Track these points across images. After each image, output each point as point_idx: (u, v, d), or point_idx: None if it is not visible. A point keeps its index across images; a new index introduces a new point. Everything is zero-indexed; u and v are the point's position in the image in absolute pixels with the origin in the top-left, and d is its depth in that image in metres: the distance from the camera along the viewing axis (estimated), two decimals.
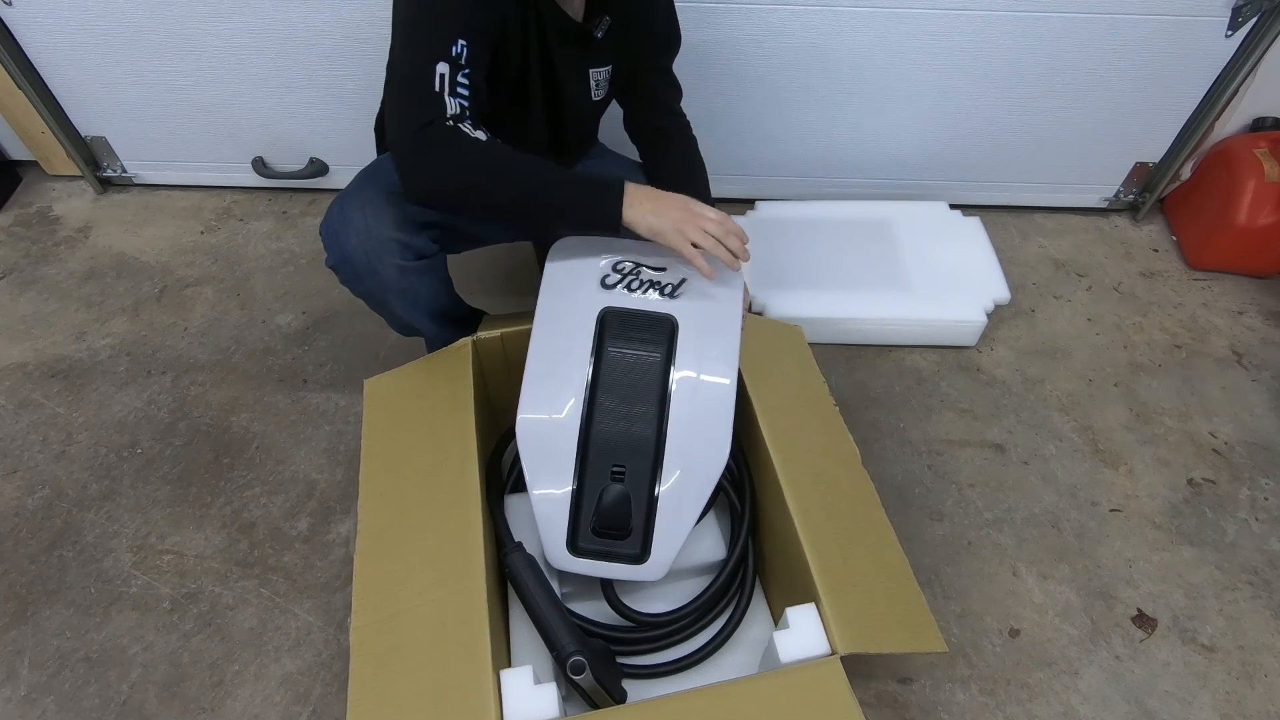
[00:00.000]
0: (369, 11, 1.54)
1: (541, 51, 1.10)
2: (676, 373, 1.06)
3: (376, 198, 1.03)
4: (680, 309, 1.08)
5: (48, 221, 1.83)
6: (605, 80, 1.21)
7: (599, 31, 1.13)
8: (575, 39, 1.12)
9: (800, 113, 1.71)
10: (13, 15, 1.58)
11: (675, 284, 1.10)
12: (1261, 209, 1.66)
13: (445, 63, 0.96)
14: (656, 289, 1.10)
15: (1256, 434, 1.49)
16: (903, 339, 1.62)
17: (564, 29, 1.09)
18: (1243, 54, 1.57)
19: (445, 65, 0.96)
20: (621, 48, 1.18)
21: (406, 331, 1.26)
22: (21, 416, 1.46)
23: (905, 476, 1.41)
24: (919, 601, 0.99)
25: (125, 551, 1.28)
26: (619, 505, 1.03)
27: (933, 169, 1.82)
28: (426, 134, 0.95)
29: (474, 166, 0.97)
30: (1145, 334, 1.67)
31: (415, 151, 0.97)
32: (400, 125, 0.97)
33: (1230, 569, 1.31)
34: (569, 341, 1.06)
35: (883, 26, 1.55)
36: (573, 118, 1.23)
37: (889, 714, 1.14)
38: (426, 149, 0.96)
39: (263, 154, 1.83)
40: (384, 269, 1.05)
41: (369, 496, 1.04)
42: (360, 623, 0.92)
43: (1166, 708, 1.15)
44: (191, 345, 1.58)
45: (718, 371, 1.06)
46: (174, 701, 1.13)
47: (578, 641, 0.94)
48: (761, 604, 1.17)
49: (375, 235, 1.03)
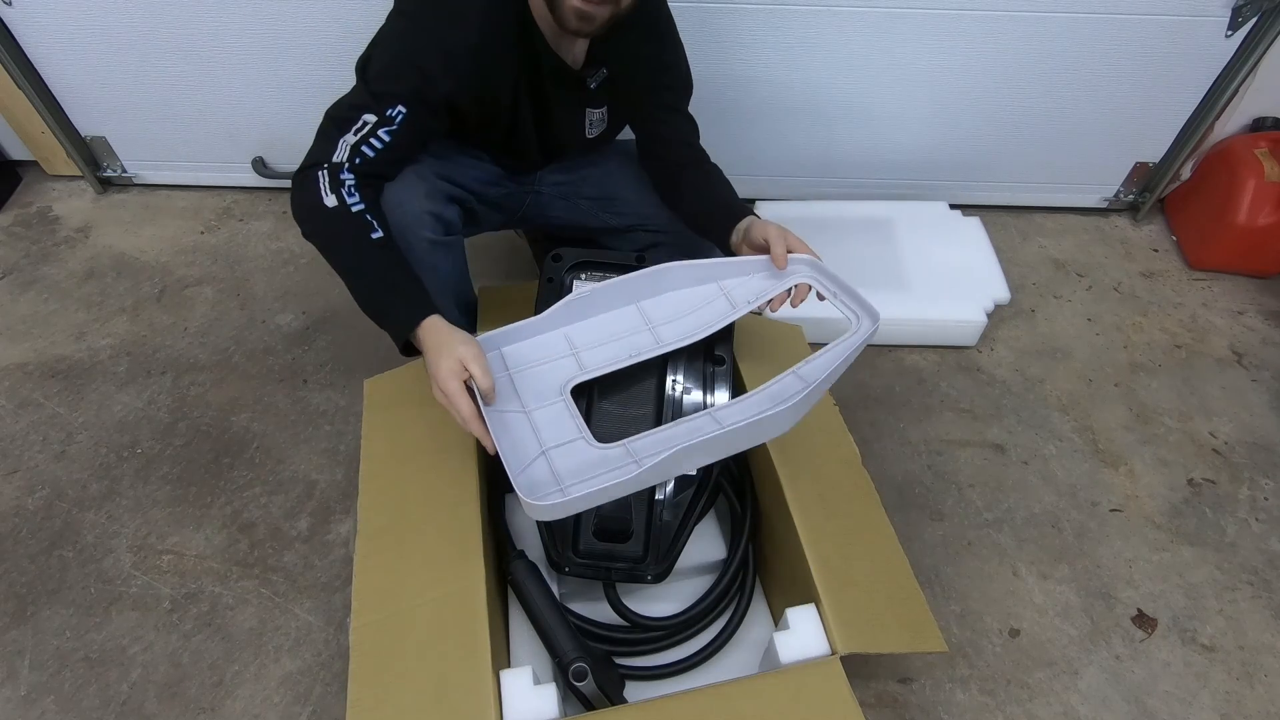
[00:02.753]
0: (369, 11, 1.54)
1: (533, 91, 1.10)
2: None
3: (406, 172, 1.05)
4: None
5: (48, 221, 1.83)
6: (602, 119, 1.21)
7: (593, 83, 1.13)
8: (570, 84, 1.12)
9: (800, 113, 1.71)
10: (13, 15, 1.57)
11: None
12: (1261, 209, 1.66)
13: (374, 115, 0.98)
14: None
15: (1256, 434, 1.49)
16: (903, 339, 1.62)
17: (560, 73, 1.09)
18: (1243, 54, 1.57)
19: (372, 118, 0.98)
20: (619, 95, 1.18)
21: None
22: (21, 416, 1.46)
23: (905, 476, 1.41)
24: (919, 601, 0.99)
25: (125, 551, 1.28)
26: (619, 507, 1.03)
27: (933, 169, 1.82)
28: (307, 173, 0.97)
29: (314, 233, 0.99)
30: (1145, 334, 1.67)
31: (295, 184, 0.99)
32: (307, 153, 1.00)
33: (1230, 569, 1.31)
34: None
35: (883, 26, 1.55)
36: (568, 149, 1.24)
37: (889, 714, 1.14)
38: (299, 186, 0.98)
39: (263, 154, 1.83)
40: (417, 242, 1.06)
41: (369, 496, 1.04)
42: (360, 623, 0.92)
43: (1166, 708, 1.15)
44: (191, 345, 1.58)
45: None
46: (174, 701, 1.13)
47: (579, 648, 0.94)
48: (761, 604, 1.17)
49: (410, 209, 1.05)
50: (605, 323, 1.06)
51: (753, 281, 1.07)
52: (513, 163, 1.23)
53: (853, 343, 0.98)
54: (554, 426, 0.97)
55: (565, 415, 0.98)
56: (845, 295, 1.01)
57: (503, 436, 0.92)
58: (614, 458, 0.94)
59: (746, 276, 1.07)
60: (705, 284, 1.07)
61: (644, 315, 1.06)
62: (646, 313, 1.06)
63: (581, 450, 0.95)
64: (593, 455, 0.94)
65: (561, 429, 0.97)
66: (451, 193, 1.11)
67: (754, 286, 1.06)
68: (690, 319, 1.05)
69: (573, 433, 0.97)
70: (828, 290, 1.03)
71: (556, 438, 0.96)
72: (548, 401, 0.99)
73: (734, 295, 1.06)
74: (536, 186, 1.30)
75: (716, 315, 1.05)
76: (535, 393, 1.00)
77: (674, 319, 1.06)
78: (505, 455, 0.90)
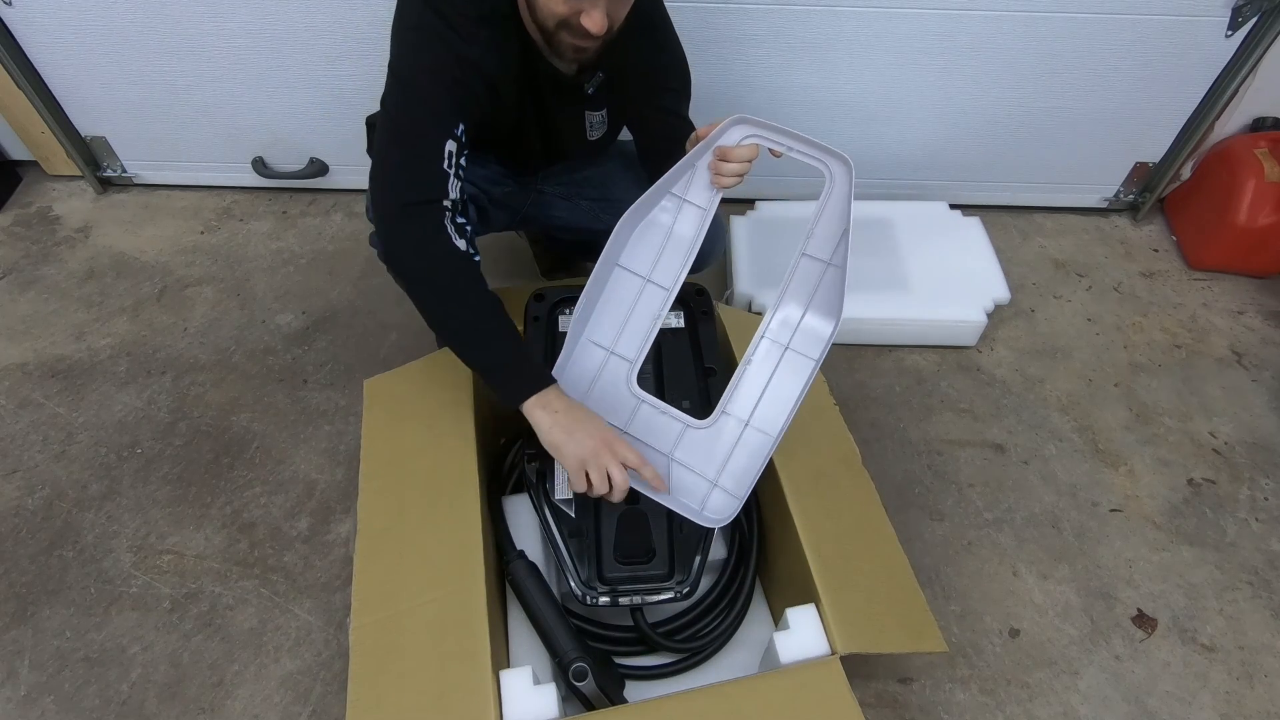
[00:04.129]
0: (369, 11, 1.54)
1: (534, 96, 1.10)
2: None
3: None
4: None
5: (48, 221, 1.83)
6: (602, 121, 1.21)
7: (590, 88, 1.13)
8: (568, 90, 1.12)
9: (800, 112, 1.71)
10: (13, 15, 1.57)
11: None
12: (1261, 209, 1.66)
13: (453, 141, 0.96)
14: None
15: (1256, 434, 1.49)
16: (903, 339, 1.62)
17: (556, 79, 1.09)
18: (1243, 54, 1.57)
19: (453, 144, 0.96)
20: (618, 99, 1.18)
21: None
22: (21, 416, 1.46)
23: (905, 476, 1.41)
24: (919, 601, 0.99)
25: (125, 551, 1.28)
26: (638, 527, 1.02)
27: (933, 169, 1.82)
28: (422, 210, 0.94)
29: (434, 273, 0.96)
30: (1145, 334, 1.67)
31: (403, 218, 0.95)
32: (396, 188, 0.95)
33: (1230, 569, 1.31)
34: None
35: (883, 26, 1.55)
36: (571, 152, 1.24)
37: (889, 714, 1.14)
38: (412, 223, 0.95)
39: (263, 154, 1.83)
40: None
41: (369, 496, 1.04)
42: (360, 623, 0.92)
43: (1166, 708, 1.15)
44: (191, 345, 1.58)
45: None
46: (174, 701, 1.13)
47: (579, 648, 0.94)
48: (761, 604, 1.17)
49: None
50: (610, 303, 1.04)
51: (699, 174, 1.00)
52: (516, 164, 1.23)
53: (840, 194, 0.93)
54: (660, 432, 1.01)
55: (656, 415, 1.01)
56: (800, 145, 0.93)
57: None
58: (729, 429, 0.99)
59: (690, 171, 1.00)
60: (660, 203, 1.03)
61: (633, 273, 1.04)
62: (634, 269, 1.04)
63: (699, 440, 1.00)
64: (705, 436, 0.99)
65: (666, 430, 1.01)
66: (470, 192, 1.11)
67: (703, 178, 1.00)
68: (669, 246, 1.02)
69: (676, 428, 1.00)
70: (777, 143, 0.94)
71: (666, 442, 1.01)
72: (630, 409, 1.02)
73: (691, 195, 1.02)
74: (539, 187, 1.31)
75: (689, 225, 1.01)
76: (611, 409, 1.02)
77: (657, 256, 1.03)
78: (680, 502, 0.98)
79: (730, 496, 0.99)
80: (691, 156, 0.98)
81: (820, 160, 0.94)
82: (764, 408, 0.99)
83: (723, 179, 0.97)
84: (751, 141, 0.95)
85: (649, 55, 1.14)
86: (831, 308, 0.98)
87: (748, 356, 1.02)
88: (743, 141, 0.95)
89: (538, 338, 1.15)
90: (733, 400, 1.01)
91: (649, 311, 1.03)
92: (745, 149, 0.95)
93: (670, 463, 1.01)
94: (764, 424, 0.99)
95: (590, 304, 1.03)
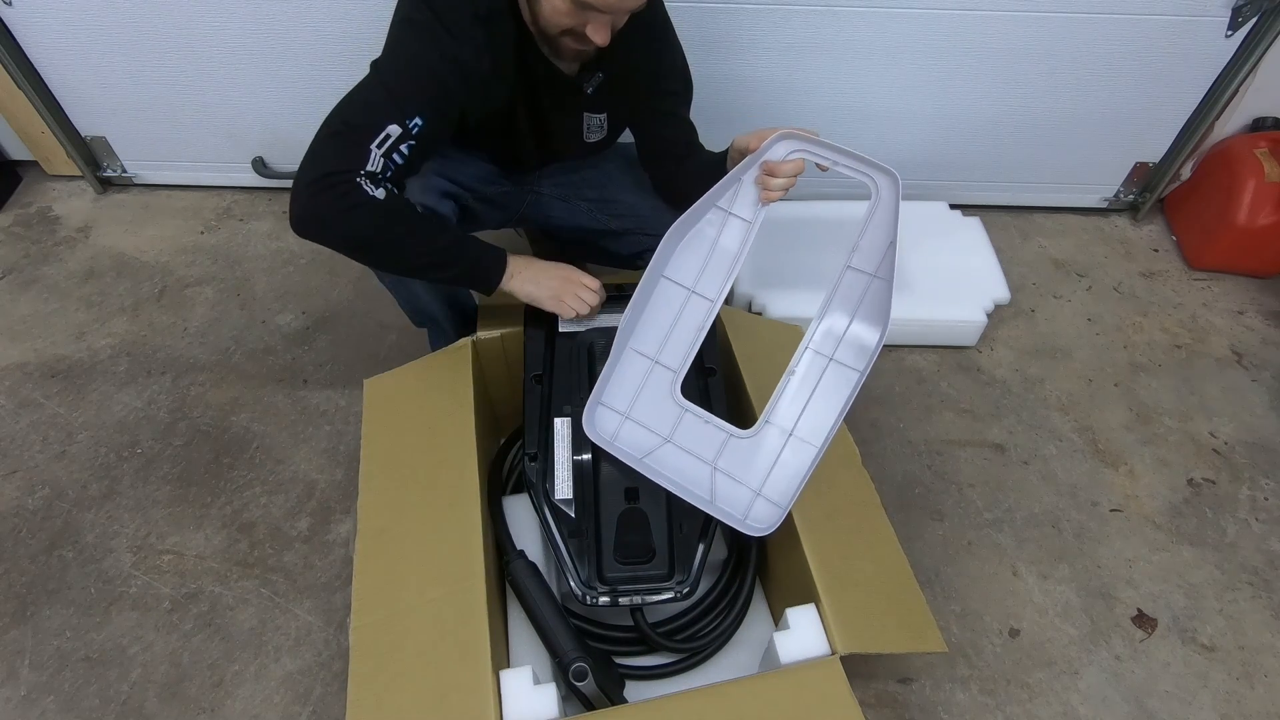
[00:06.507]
0: (369, 11, 1.54)
1: (530, 98, 1.10)
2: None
3: None
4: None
5: (48, 221, 1.83)
6: (601, 125, 1.21)
7: (589, 88, 1.13)
8: (567, 90, 1.12)
9: (799, 113, 1.71)
10: (13, 15, 1.57)
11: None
12: (1261, 209, 1.66)
13: (398, 127, 0.96)
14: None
15: (1256, 434, 1.49)
16: (903, 339, 1.62)
17: (555, 78, 1.09)
18: (1243, 54, 1.57)
19: (397, 129, 0.96)
20: (617, 100, 1.17)
21: (420, 319, 1.28)
22: (21, 416, 1.46)
23: (905, 476, 1.41)
24: (919, 601, 0.99)
25: (125, 551, 1.28)
26: (639, 526, 1.02)
27: (933, 169, 1.82)
28: (329, 182, 0.94)
29: (364, 222, 0.96)
30: (1145, 334, 1.67)
31: (311, 193, 0.95)
32: (313, 163, 0.95)
33: (1230, 569, 1.31)
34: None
35: (883, 26, 1.55)
36: (566, 153, 1.24)
37: (889, 714, 1.14)
38: (327, 190, 0.94)
39: (263, 154, 1.83)
40: None
41: (369, 496, 1.04)
42: (360, 623, 0.92)
43: (1166, 708, 1.15)
44: (191, 345, 1.58)
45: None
46: (174, 701, 1.13)
47: (579, 648, 0.94)
48: (761, 604, 1.17)
49: None
50: (655, 313, 1.05)
51: (744, 188, 1.00)
52: (510, 164, 1.23)
53: (886, 208, 0.95)
54: (704, 441, 1.02)
55: (700, 424, 1.03)
56: (847, 159, 0.94)
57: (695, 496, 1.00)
58: (771, 439, 1.00)
59: (736, 185, 1.00)
60: (705, 215, 1.03)
61: (678, 284, 1.05)
62: (679, 280, 1.04)
63: (742, 449, 1.01)
64: (748, 446, 1.01)
65: (709, 439, 1.02)
66: (446, 189, 1.11)
67: (749, 193, 1.01)
68: (715, 257, 1.03)
69: (720, 438, 1.01)
70: (824, 158, 0.95)
71: (709, 451, 1.02)
72: (675, 418, 1.03)
73: (737, 209, 1.02)
74: (536, 187, 1.30)
75: (733, 237, 1.02)
76: (655, 417, 1.04)
77: (702, 267, 1.03)
78: (724, 511, 0.99)
79: (774, 506, 0.99)
80: (738, 171, 0.99)
81: (867, 174, 0.95)
82: (808, 418, 1.00)
83: (769, 194, 0.98)
84: (798, 156, 0.97)
85: (649, 56, 1.14)
86: (877, 320, 0.99)
87: (791, 367, 1.02)
88: (789, 156, 0.97)
89: (538, 337, 1.15)
90: (775, 410, 1.01)
91: (693, 322, 1.03)
92: (791, 164, 0.96)
93: (714, 472, 1.02)
94: (808, 434, 1.00)
95: (636, 314, 1.04)
